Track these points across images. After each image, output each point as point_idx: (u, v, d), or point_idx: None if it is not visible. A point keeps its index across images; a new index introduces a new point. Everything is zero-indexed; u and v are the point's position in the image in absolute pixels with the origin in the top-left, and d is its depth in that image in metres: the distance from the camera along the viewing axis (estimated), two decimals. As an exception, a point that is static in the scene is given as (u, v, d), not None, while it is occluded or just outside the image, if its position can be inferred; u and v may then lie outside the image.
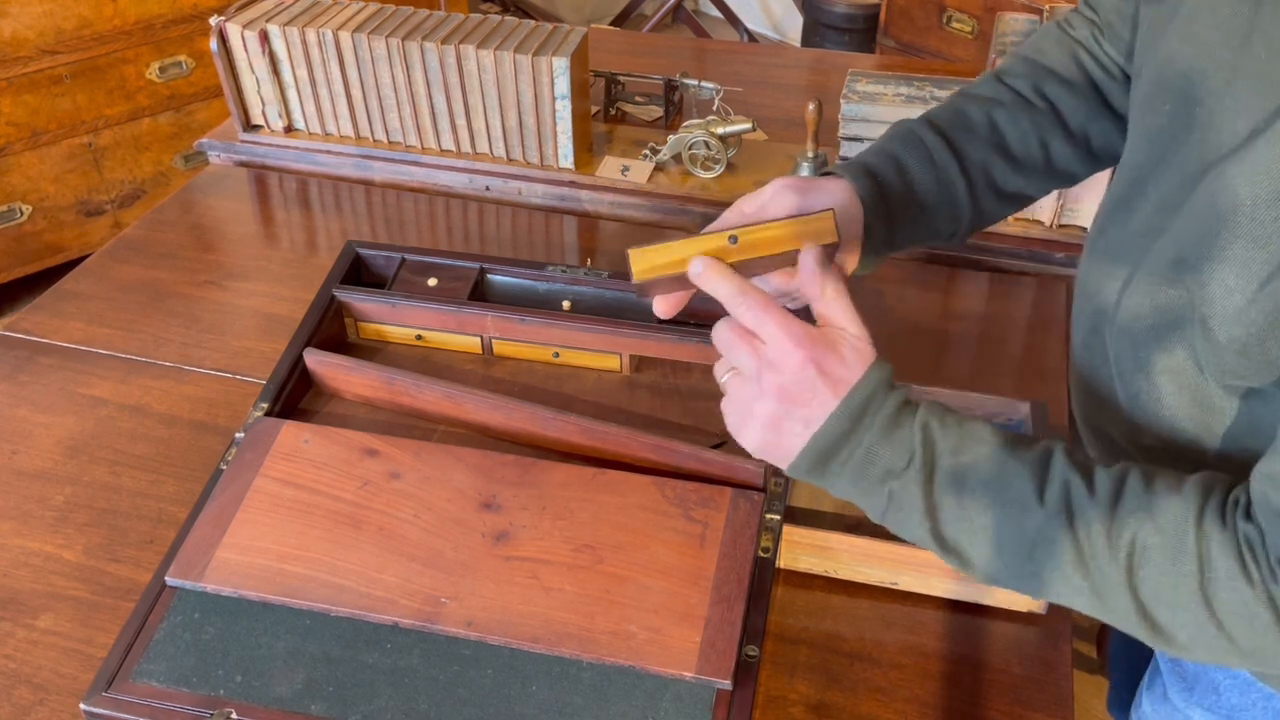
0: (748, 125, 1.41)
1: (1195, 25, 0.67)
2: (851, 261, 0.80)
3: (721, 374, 0.71)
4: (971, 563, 0.67)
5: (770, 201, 0.76)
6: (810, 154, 1.39)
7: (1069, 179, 0.89)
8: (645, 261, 0.71)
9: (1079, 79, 0.87)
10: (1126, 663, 1.15)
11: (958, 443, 0.66)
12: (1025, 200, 0.89)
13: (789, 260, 0.72)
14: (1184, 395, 0.69)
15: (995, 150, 0.84)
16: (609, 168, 1.45)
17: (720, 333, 0.69)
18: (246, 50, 1.46)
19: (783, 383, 0.66)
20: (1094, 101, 0.86)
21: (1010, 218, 1.33)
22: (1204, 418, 0.69)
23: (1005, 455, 0.65)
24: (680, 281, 0.72)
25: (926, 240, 0.86)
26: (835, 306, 0.68)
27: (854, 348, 0.67)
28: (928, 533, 0.67)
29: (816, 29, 3.29)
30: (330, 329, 1.09)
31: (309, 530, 0.86)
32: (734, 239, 0.70)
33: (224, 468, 0.92)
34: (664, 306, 0.77)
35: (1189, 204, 0.66)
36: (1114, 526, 0.62)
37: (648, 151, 1.47)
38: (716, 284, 0.68)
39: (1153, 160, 0.71)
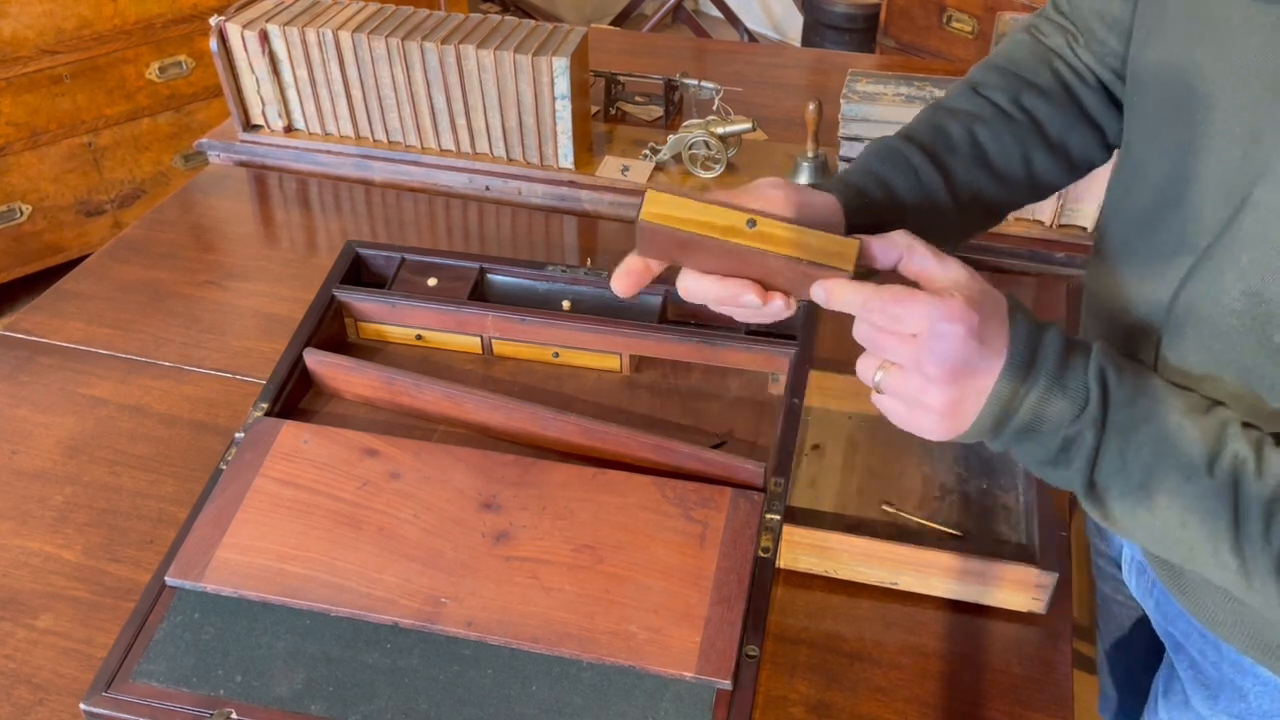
0: (748, 125, 1.41)
1: (1223, 34, 0.65)
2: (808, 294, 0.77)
3: (871, 371, 0.66)
4: (1113, 515, 0.65)
5: (761, 197, 0.72)
6: (810, 154, 1.39)
7: (1048, 190, 0.87)
8: (660, 207, 0.67)
9: (1055, 89, 0.85)
10: (1122, 667, 1.15)
11: (1133, 393, 0.63)
12: (1004, 215, 0.87)
13: (788, 272, 0.69)
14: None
15: (980, 167, 0.83)
16: (609, 168, 1.45)
17: (863, 331, 0.65)
18: (246, 50, 1.46)
19: (950, 365, 0.62)
20: (1071, 111, 0.85)
21: (1010, 217, 1.33)
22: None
23: (1180, 415, 0.63)
24: (679, 247, 0.69)
25: None
26: (938, 262, 0.65)
27: (991, 296, 0.64)
28: (1081, 478, 0.64)
29: (816, 29, 3.29)
30: (330, 329, 1.09)
31: (309, 530, 0.86)
32: (752, 223, 0.67)
33: (224, 468, 0.92)
34: (624, 284, 0.72)
35: (1244, 228, 0.64)
36: (1275, 515, 0.60)
37: (648, 151, 1.47)
38: (845, 301, 0.65)
39: (1182, 176, 0.69)
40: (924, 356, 0.62)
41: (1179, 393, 0.64)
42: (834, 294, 0.65)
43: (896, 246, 0.66)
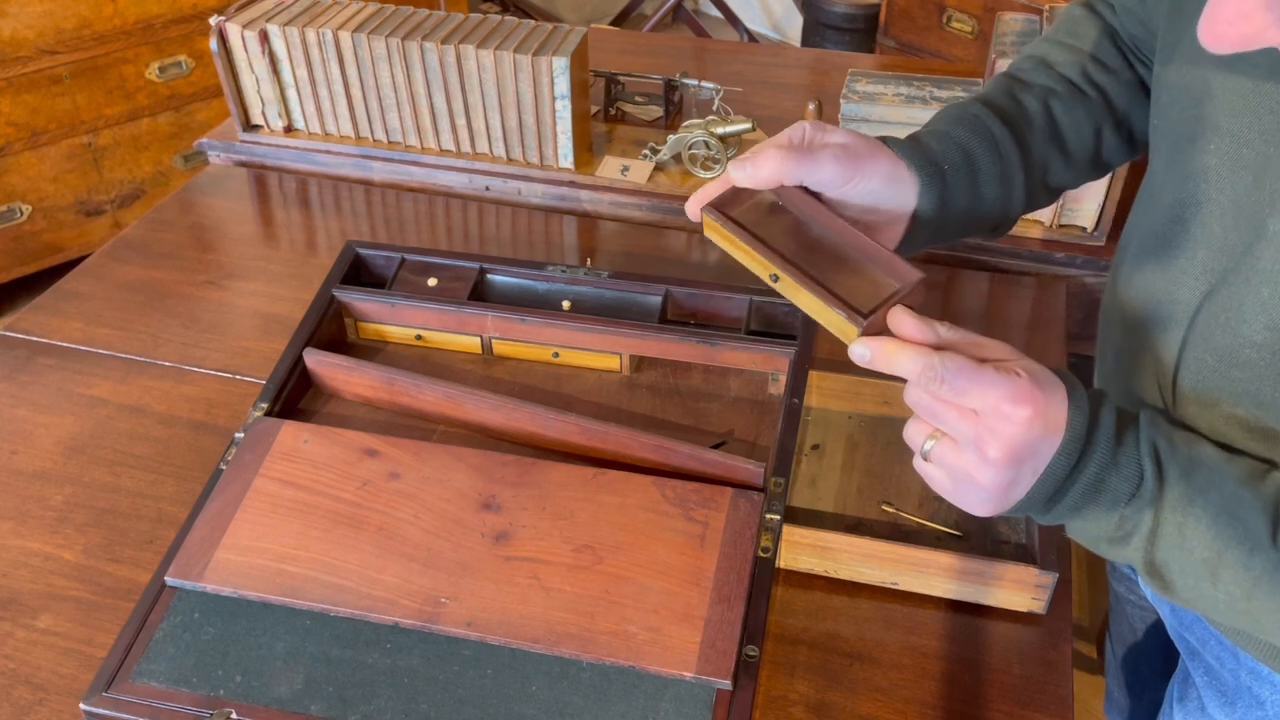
0: (748, 125, 1.41)
1: (1236, 60, 0.64)
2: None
3: (921, 439, 0.64)
4: (1175, 589, 0.64)
5: (822, 169, 0.69)
6: (810, 154, 1.39)
7: (1108, 169, 0.86)
8: (714, 231, 0.70)
9: (1120, 65, 0.83)
10: (1133, 669, 1.14)
11: (1187, 466, 0.61)
12: (1062, 193, 0.86)
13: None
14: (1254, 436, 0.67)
15: (1052, 144, 0.81)
16: (609, 168, 1.45)
17: (917, 397, 0.62)
18: (246, 50, 1.46)
19: (1012, 448, 0.60)
20: (1134, 87, 0.83)
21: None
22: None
23: (1237, 486, 0.61)
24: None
25: (970, 233, 0.81)
26: (967, 340, 0.62)
27: (1046, 373, 0.61)
28: (1141, 555, 0.63)
29: (816, 29, 3.29)
30: (330, 329, 1.09)
31: (309, 530, 0.86)
32: (775, 278, 0.67)
33: (224, 468, 0.92)
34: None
35: (1263, 260, 0.63)
36: None
37: (647, 151, 1.47)
38: (896, 363, 0.62)
39: (1194, 199, 0.68)
40: (986, 437, 0.60)
41: (1233, 459, 0.63)
42: (884, 355, 0.62)
43: (936, 337, 0.63)
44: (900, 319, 0.63)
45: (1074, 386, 0.62)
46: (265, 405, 0.98)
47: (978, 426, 0.60)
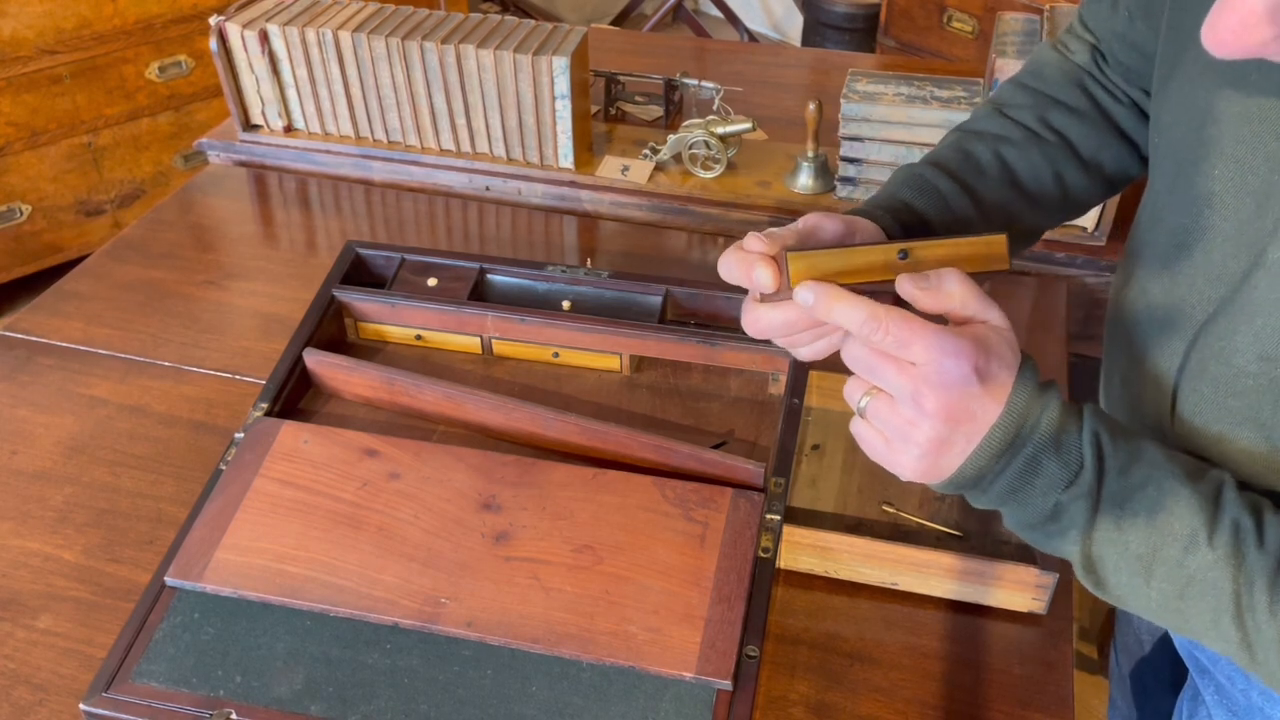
0: (748, 125, 1.41)
1: (1240, 84, 0.63)
2: None
3: (858, 396, 0.63)
4: (1107, 585, 0.63)
5: (819, 228, 0.70)
6: (810, 154, 1.39)
7: (1085, 207, 0.86)
8: (806, 264, 0.64)
9: (1086, 107, 0.83)
10: (1138, 681, 1.12)
11: (1127, 460, 0.61)
12: (1039, 235, 0.85)
13: (889, 288, 0.66)
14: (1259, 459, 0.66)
15: (1009, 189, 0.81)
16: (609, 168, 1.45)
17: (855, 352, 0.62)
18: (246, 50, 1.46)
19: (948, 401, 0.59)
20: (1103, 128, 0.83)
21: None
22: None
23: (1176, 483, 0.60)
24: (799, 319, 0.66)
25: None
26: (968, 294, 0.62)
27: (1007, 341, 0.61)
28: (1078, 549, 0.62)
29: (816, 29, 3.29)
30: (330, 329, 1.09)
31: (308, 530, 0.86)
32: (904, 254, 0.64)
33: (223, 468, 0.92)
34: (809, 353, 0.70)
35: (1259, 289, 0.62)
36: (1278, 586, 0.58)
37: (648, 151, 1.47)
38: (838, 311, 0.61)
39: (1197, 225, 0.67)
40: (923, 389, 0.59)
41: (1174, 456, 0.62)
42: (826, 303, 0.62)
43: (942, 298, 0.63)
44: (907, 285, 0.63)
45: (1026, 364, 0.61)
46: (265, 405, 0.98)
47: (915, 379, 0.59)
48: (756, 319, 0.68)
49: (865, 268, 0.64)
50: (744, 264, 0.66)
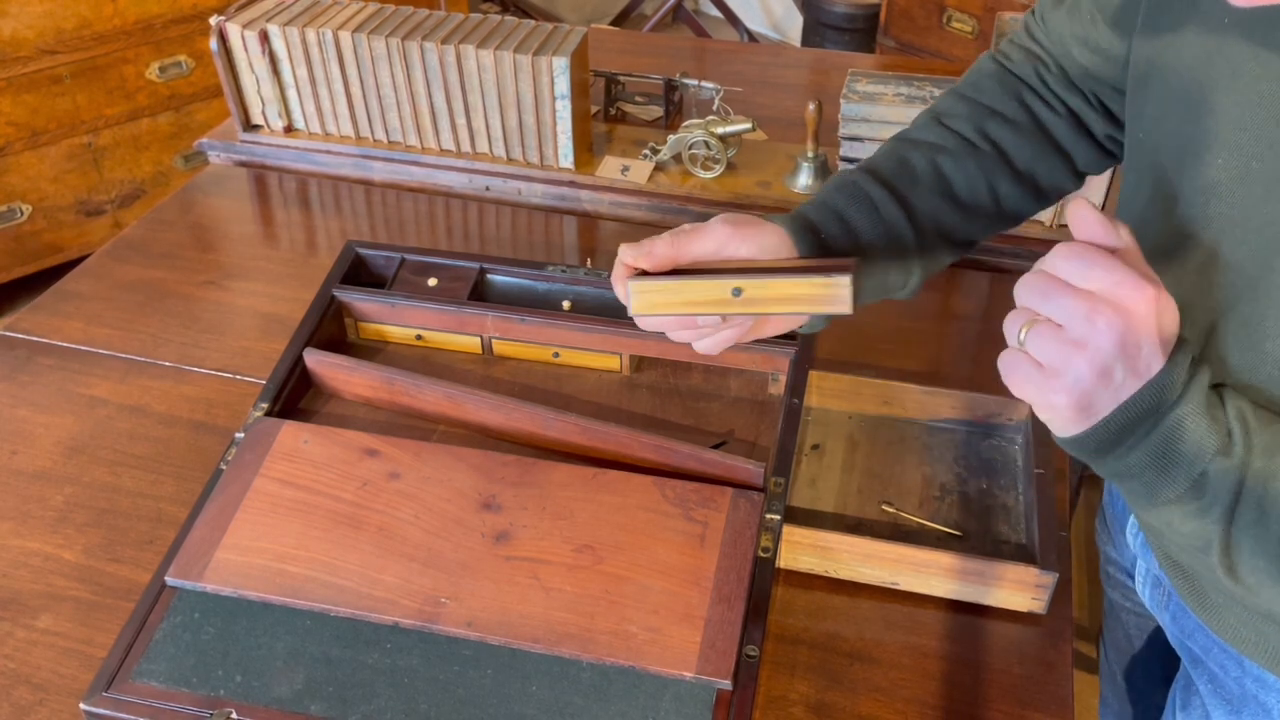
0: (748, 125, 1.41)
1: (1242, 68, 0.63)
2: (793, 321, 0.76)
3: (1017, 327, 0.60)
4: (1239, 573, 0.61)
5: (710, 236, 0.72)
6: (810, 154, 1.39)
7: (1017, 220, 0.86)
8: (646, 298, 0.66)
9: (1023, 119, 0.83)
10: (1128, 676, 1.13)
11: (1271, 440, 0.58)
12: (973, 246, 0.85)
13: (788, 321, 0.68)
14: None
15: (943, 199, 0.81)
16: (609, 168, 1.45)
17: (1031, 280, 0.59)
18: (246, 50, 1.46)
19: (1122, 325, 0.56)
20: (1038, 140, 0.83)
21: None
22: None
23: None
24: (680, 319, 0.69)
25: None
26: (1138, 256, 0.59)
27: (1174, 309, 0.58)
28: (1217, 529, 0.59)
29: (816, 29, 3.30)
30: (330, 329, 1.09)
31: (309, 530, 0.86)
32: (738, 291, 0.64)
33: (224, 468, 0.92)
34: (709, 345, 0.74)
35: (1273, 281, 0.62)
36: None
37: (648, 151, 1.47)
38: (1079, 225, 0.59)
39: (1207, 215, 0.67)
40: (1100, 307, 0.56)
41: None
42: (1076, 215, 0.59)
43: (1117, 239, 0.59)
44: (1081, 209, 0.60)
45: (1183, 336, 0.59)
46: (265, 405, 0.98)
47: (1092, 300, 0.57)
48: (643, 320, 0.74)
49: (701, 301, 0.65)
50: (616, 280, 0.74)
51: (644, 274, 0.71)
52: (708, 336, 0.74)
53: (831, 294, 0.63)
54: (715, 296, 0.65)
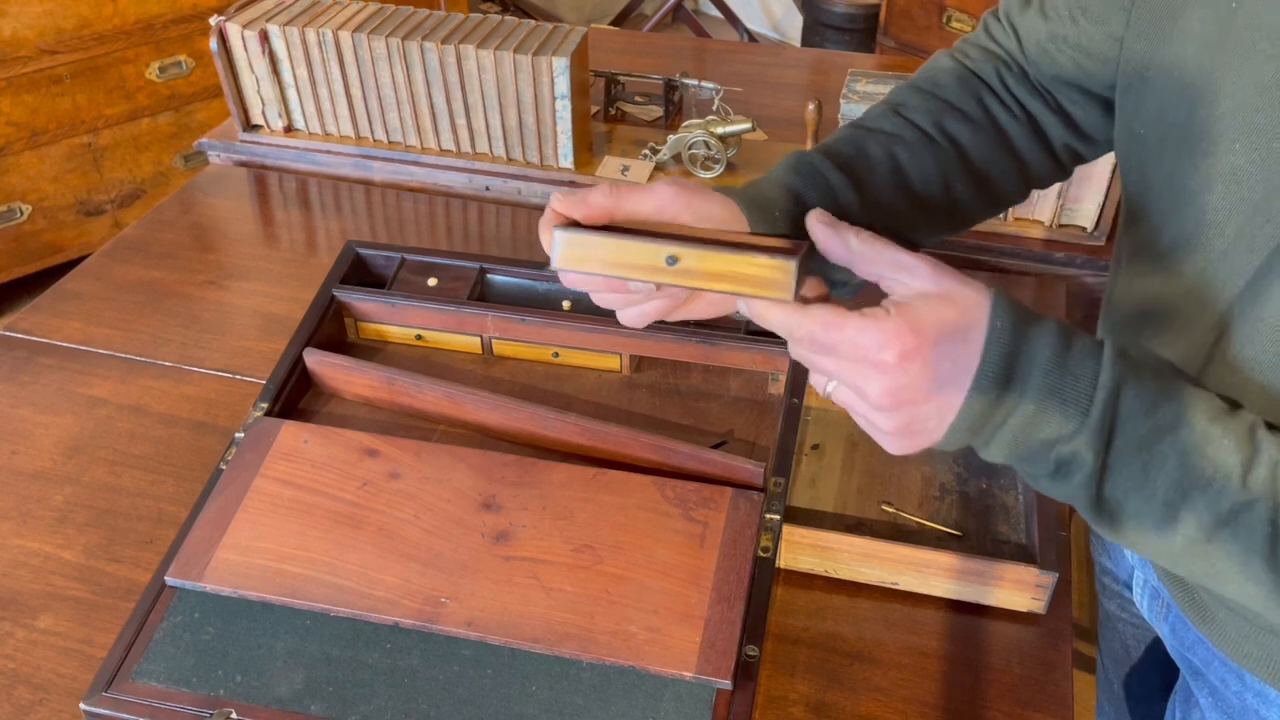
0: (748, 125, 1.41)
1: (1255, 50, 0.62)
2: (726, 305, 0.71)
3: (823, 386, 0.63)
4: (1124, 528, 0.60)
5: (651, 195, 0.67)
6: (810, 154, 1.39)
7: (967, 221, 0.82)
8: (573, 249, 0.59)
9: (981, 118, 0.81)
10: (1124, 686, 1.12)
11: (1155, 399, 0.58)
12: (919, 245, 0.81)
13: (722, 303, 0.63)
14: None
15: (898, 190, 0.77)
16: (609, 168, 1.45)
17: (798, 352, 0.62)
18: (246, 50, 1.46)
19: (890, 392, 0.58)
20: (994, 141, 0.81)
21: (1010, 216, 1.33)
22: None
23: (1207, 421, 0.57)
24: (604, 284, 0.63)
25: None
26: (881, 258, 0.60)
27: (954, 304, 0.58)
28: (1086, 492, 0.59)
29: (816, 29, 3.30)
30: (330, 329, 1.09)
31: (309, 530, 0.86)
32: (673, 260, 0.59)
33: (224, 468, 0.92)
34: (634, 316, 0.69)
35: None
36: None
37: (648, 151, 1.47)
38: (772, 323, 0.61)
39: (1231, 201, 0.66)
40: (862, 384, 0.58)
41: (1202, 394, 0.60)
42: (762, 315, 0.61)
43: (846, 248, 0.61)
44: (814, 221, 0.61)
45: (997, 315, 0.58)
46: (265, 405, 0.98)
47: (854, 375, 0.59)
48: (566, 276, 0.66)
49: (631, 264, 0.60)
50: (544, 226, 0.66)
51: (575, 225, 0.64)
52: (636, 305, 0.69)
53: (773, 278, 0.58)
54: (647, 261, 0.59)
